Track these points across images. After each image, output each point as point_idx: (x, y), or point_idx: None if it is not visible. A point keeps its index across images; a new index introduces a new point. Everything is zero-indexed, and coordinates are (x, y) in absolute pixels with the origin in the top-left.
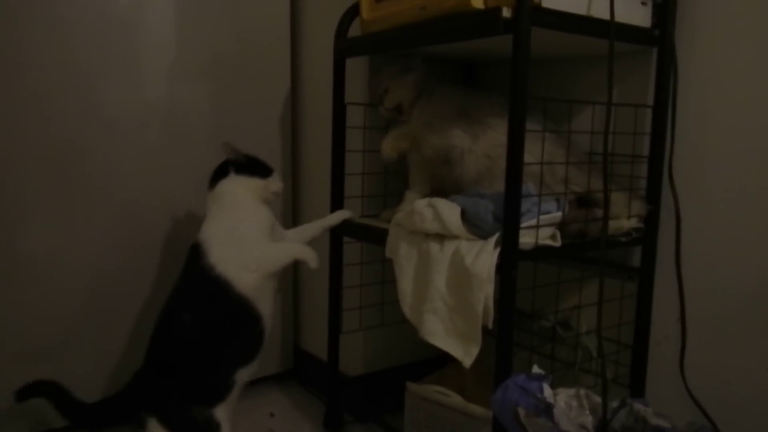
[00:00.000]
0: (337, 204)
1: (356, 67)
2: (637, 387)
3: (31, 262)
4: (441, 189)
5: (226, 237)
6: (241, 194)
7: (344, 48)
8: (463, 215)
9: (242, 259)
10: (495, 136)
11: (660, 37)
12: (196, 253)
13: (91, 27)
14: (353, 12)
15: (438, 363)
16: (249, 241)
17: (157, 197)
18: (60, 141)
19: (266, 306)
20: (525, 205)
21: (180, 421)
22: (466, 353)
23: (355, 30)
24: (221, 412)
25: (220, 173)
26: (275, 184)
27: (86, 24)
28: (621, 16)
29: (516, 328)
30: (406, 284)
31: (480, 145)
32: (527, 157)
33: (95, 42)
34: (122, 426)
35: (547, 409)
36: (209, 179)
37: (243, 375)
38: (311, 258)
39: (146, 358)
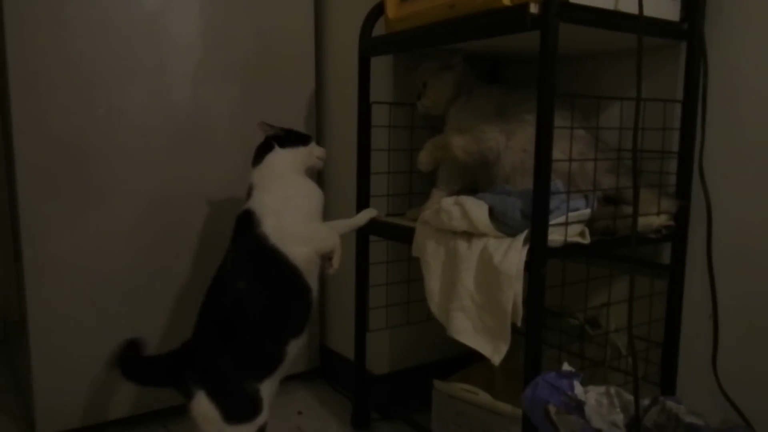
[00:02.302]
0: (363, 203)
1: (381, 66)
2: (667, 385)
3: (60, 261)
4: (472, 187)
5: (281, 207)
6: (290, 167)
7: (369, 47)
8: (491, 213)
9: (295, 232)
10: (532, 131)
11: (689, 30)
12: (247, 221)
13: (119, 31)
14: (378, 11)
15: (464, 361)
16: (301, 215)
17: (182, 196)
18: (88, 142)
19: (313, 279)
20: (553, 202)
21: (230, 393)
22: (495, 351)
23: (379, 29)
24: (266, 390)
25: (264, 149)
26: (317, 149)
27: (114, 28)
28: (649, 10)
29: (544, 326)
30: (433, 282)
31: (517, 141)
32: (557, 155)
33: (123, 46)
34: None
35: (578, 407)
36: (254, 155)
37: (293, 347)
38: (338, 259)
39: (198, 329)
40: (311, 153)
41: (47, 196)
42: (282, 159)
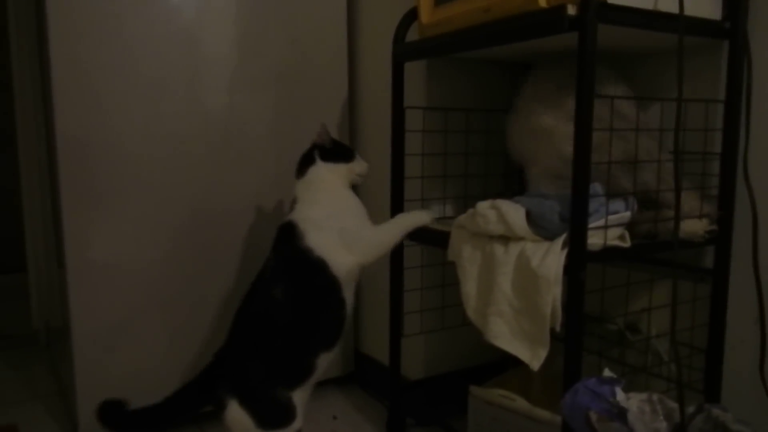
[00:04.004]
0: (397, 207)
1: (414, 71)
2: (711, 392)
3: (102, 268)
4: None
5: (326, 223)
6: (332, 180)
7: (403, 52)
8: (528, 216)
9: (352, 242)
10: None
11: (731, 29)
12: (290, 233)
13: (156, 42)
14: (411, 17)
15: (500, 366)
16: (353, 225)
17: (219, 205)
18: (126, 152)
19: (351, 293)
20: (592, 205)
21: (262, 401)
22: (533, 356)
23: (412, 35)
24: (298, 398)
25: (306, 161)
26: (359, 165)
27: (152, 40)
28: (690, 9)
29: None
30: (469, 287)
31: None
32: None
33: (160, 56)
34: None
35: (620, 414)
36: (297, 166)
37: (324, 360)
38: (425, 218)
39: (231, 336)
40: (351, 170)
41: (89, 204)
42: (323, 173)
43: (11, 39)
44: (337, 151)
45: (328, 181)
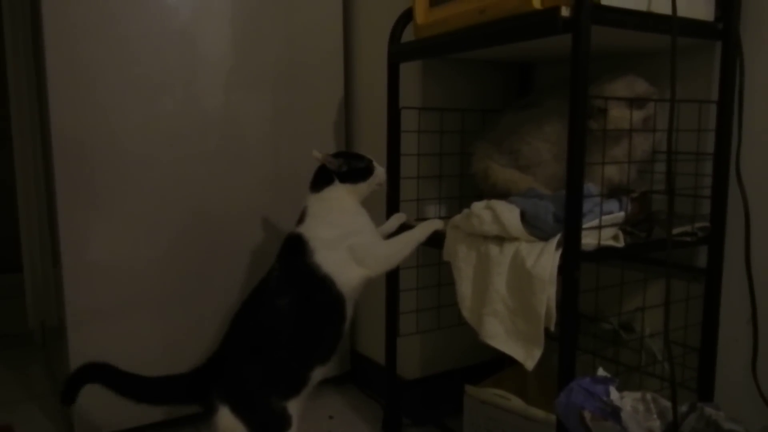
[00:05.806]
0: (392, 207)
1: (410, 72)
2: (705, 391)
3: (97, 269)
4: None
5: (337, 242)
6: (348, 200)
7: (398, 53)
8: (523, 217)
9: (364, 255)
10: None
11: (724, 30)
12: (299, 247)
13: (153, 42)
14: (406, 17)
15: (495, 366)
16: (364, 240)
17: (215, 204)
18: (124, 152)
19: (351, 309)
20: (586, 205)
21: (256, 409)
22: (528, 356)
23: (407, 36)
24: (293, 406)
25: (324, 177)
26: (378, 176)
27: (149, 39)
28: (683, 10)
29: (577, 331)
30: (465, 287)
31: None
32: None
33: (156, 56)
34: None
35: (614, 413)
36: (313, 179)
37: (318, 373)
38: (436, 225)
39: (228, 341)
40: (371, 185)
41: (85, 203)
42: (341, 194)
43: (6, 37)
44: (354, 170)
45: (344, 201)
